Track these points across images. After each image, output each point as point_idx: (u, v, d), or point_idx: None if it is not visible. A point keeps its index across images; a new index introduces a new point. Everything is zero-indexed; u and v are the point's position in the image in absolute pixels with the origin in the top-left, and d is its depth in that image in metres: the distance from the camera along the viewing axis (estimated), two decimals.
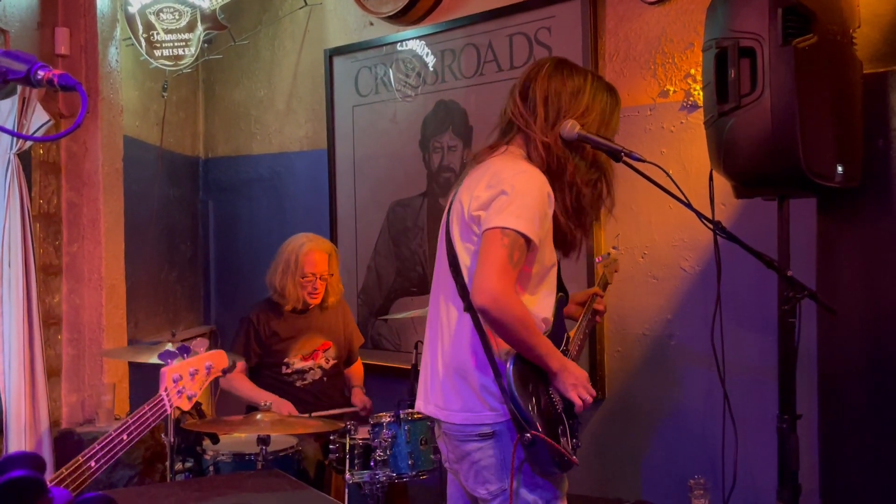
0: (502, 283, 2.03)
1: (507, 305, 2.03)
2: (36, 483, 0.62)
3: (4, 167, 3.44)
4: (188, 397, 1.88)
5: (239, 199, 5.03)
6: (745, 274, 2.95)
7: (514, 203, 2.08)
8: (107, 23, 4.08)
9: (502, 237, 2.05)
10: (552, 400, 2.18)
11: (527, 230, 2.06)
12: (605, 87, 2.32)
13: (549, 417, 2.14)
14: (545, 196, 2.13)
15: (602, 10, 3.45)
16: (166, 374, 1.83)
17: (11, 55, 1.11)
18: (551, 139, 2.20)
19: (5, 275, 3.44)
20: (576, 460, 2.15)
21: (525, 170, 2.16)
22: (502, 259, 2.04)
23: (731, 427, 2.82)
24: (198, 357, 1.94)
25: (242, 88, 4.97)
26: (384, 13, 4.07)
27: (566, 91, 2.24)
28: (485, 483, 2.17)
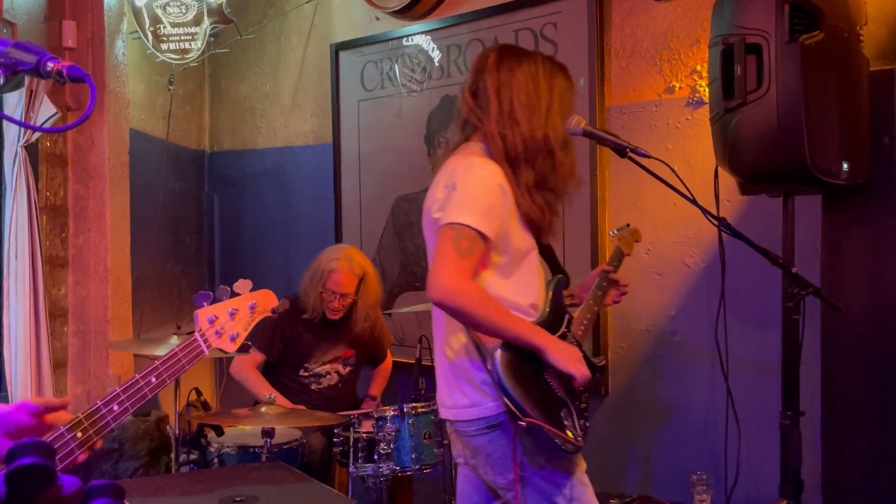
0: (450, 274, 2.06)
1: (458, 294, 2.06)
2: (46, 470, 0.63)
3: (12, 159, 3.45)
4: (230, 338, 1.73)
5: (244, 193, 5.04)
6: (750, 270, 2.95)
7: (458, 197, 2.11)
8: (114, 16, 4.08)
9: (449, 232, 2.10)
10: (549, 385, 2.17)
11: (471, 221, 2.08)
12: (558, 68, 2.32)
13: (548, 402, 2.13)
14: (494, 186, 2.14)
15: (608, 6, 3.44)
16: (199, 315, 1.69)
17: (21, 46, 1.11)
18: (508, 129, 2.20)
19: (12, 266, 3.45)
20: (579, 443, 2.13)
21: (473, 164, 2.17)
22: (450, 252, 2.08)
23: (735, 423, 2.83)
24: (238, 298, 1.77)
25: (248, 82, 4.97)
26: (390, 8, 4.07)
27: (516, 79, 2.23)
28: (503, 472, 2.19)
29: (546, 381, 2.17)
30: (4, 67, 1.07)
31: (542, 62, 2.29)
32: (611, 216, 3.45)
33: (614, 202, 3.45)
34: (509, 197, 2.18)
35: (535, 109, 2.23)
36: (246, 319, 1.78)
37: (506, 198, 2.17)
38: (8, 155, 3.47)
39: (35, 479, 0.62)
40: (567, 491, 2.18)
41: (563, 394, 2.18)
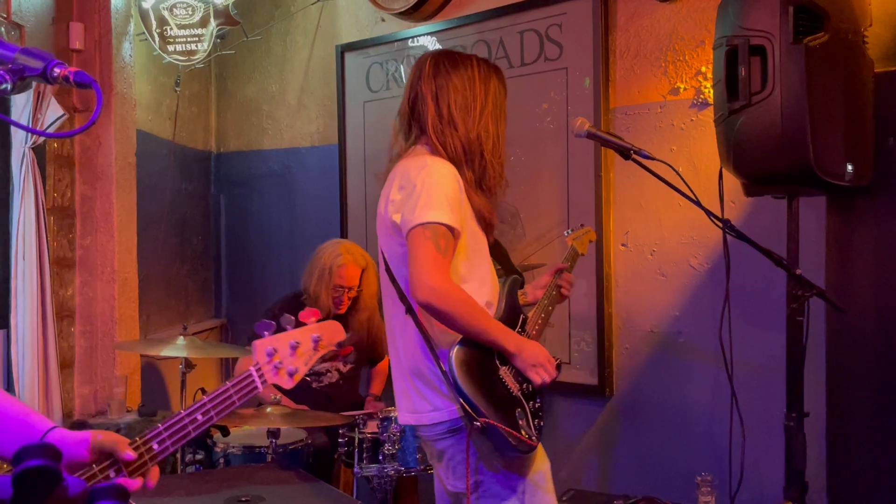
0: (438, 274, 2.06)
1: (448, 294, 2.07)
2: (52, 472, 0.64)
3: (19, 161, 3.46)
4: (288, 373, 1.58)
5: (250, 193, 5.06)
6: (754, 272, 2.96)
7: (424, 197, 2.11)
8: (121, 18, 4.10)
9: (424, 231, 2.09)
10: (504, 383, 2.17)
11: (444, 219, 2.09)
12: (493, 70, 2.34)
13: (502, 402, 2.13)
14: (454, 183, 2.17)
15: (613, 7, 3.45)
16: (257, 347, 1.57)
17: (28, 52, 1.12)
18: (448, 133, 2.23)
19: (20, 267, 3.47)
20: (533, 442, 2.13)
21: (428, 163, 2.18)
22: (431, 252, 2.07)
23: (739, 424, 2.83)
24: (301, 329, 1.65)
25: (254, 84, 4.99)
26: (396, 9, 4.08)
27: (452, 83, 2.25)
28: (462, 478, 2.18)
29: (500, 380, 2.17)
30: (12, 73, 1.08)
31: (478, 65, 2.32)
32: (616, 217, 3.45)
33: (619, 203, 3.45)
34: (464, 194, 2.20)
35: (470, 111, 2.25)
36: (308, 354, 1.64)
37: (463, 194, 2.20)
38: (15, 156, 3.48)
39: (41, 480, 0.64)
40: (521, 493, 2.19)
41: (518, 393, 2.18)
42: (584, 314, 3.52)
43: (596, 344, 3.48)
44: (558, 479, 3.59)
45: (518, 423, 2.12)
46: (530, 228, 3.69)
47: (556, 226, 3.59)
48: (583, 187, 3.50)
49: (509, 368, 2.19)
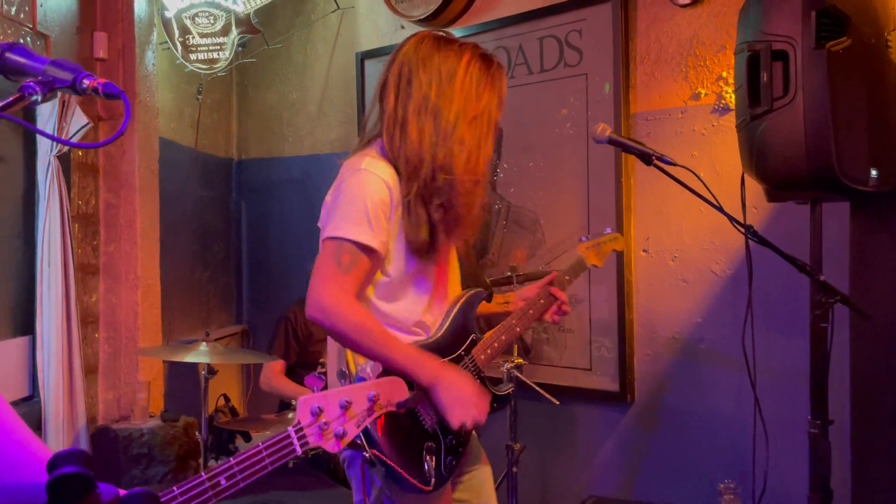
0: (328, 290, 1.90)
1: (335, 312, 1.89)
2: (85, 479, 0.65)
3: (45, 169, 3.51)
4: (335, 434, 1.39)
5: (271, 200, 5.09)
6: (777, 278, 2.94)
7: (339, 209, 1.95)
8: (144, 27, 4.14)
9: (329, 244, 1.94)
10: (415, 415, 1.97)
11: (354, 236, 1.91)
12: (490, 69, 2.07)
13: (408, 434, 1.94)
14: (382, 196, 1.95)
15: (633, 13, 3.45)
16: (302, 404, 1.39)
17: (57, 64, 1.14)
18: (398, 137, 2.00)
19: (45, 274, 3.51)
20: (425, 486, 1.92)
21: (361, 169, 1.98)
22: (329, 267, 1.91)
23: (762, 432, 2.80)
24: (355, 385, 1.45)
25: (275, 91, 5.02)
26: (415, 17, 4.10)
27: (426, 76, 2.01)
28: (356, 494, 2.08)
29: (413, 410, 1.96)
30: (42, 85, 1.10)
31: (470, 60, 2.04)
32: (636, 223, 3.44)
33: (640, 209, 3.44)
34: (395, 209, 1.99)
35: (439, 116, 1.99)
36: (361, 415, 1.43)
37: (389, 210, 1.97)
38: (41, 164, 3.53)
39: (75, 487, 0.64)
40: None
41: (433, 425, 2.00)
42: (604, 320, 3.51)
43: (617, 350, 3.47)
44: (579, 485, 3.59)
45: (421, 459, 1.92)
46: (550, 235, 3.69)
47: (575, 232, 3.58)
48: (603, 193, 3.50)
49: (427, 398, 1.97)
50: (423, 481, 1.92)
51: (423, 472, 1.92)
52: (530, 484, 3.67)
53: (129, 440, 3.75)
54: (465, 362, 2.13)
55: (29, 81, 1.10)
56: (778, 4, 2.47)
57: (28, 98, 1.09)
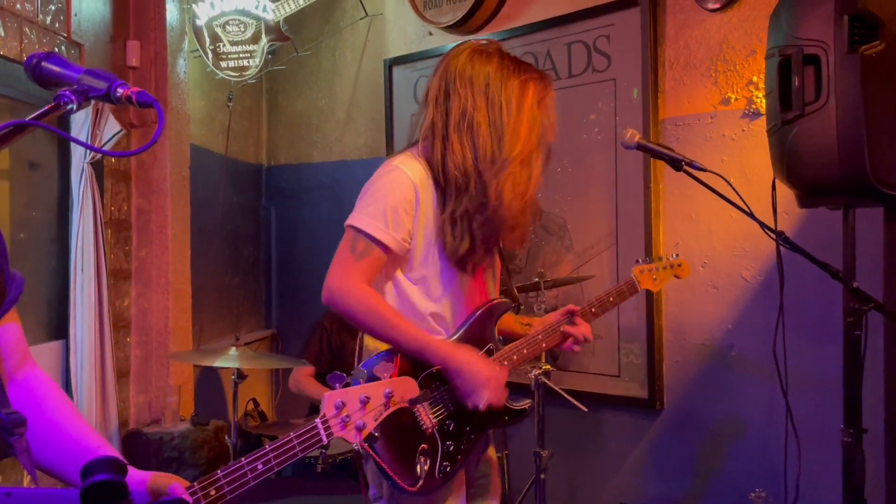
0: (342, 274, 1.98)
1: (344, 294, 1.97)
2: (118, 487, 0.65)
3: (79, 175, 3.55)
4: (356, 427, 1.55)
5: (300, 205, 5.11)
6: (809, 284, 2.89)
7: (364, 200, 2.05)
8: (175, 35, 4.19)
9: (348, 232, 2.03)
10: (415, 417, 1.97)
11: (369, 229, 1.99)
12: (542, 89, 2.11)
13: (404, 432, 1.95)
14: (405, 196, 2.01)
15: (662, 18, 3.42)
16: (327, 399, 1.54)
17: (92, 73, 1.15)
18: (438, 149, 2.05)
19: (78, 279, 3.55)
20: (409, 487, 1.92)
21: (389, 169, 2.06)
22: (344, 254, 2.01)
23: (794, 440, 2.76)
24: (374, 384, 1.60)
25: (304, 98, 5.05)
26: (443, 23, 4.10)
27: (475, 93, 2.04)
28: (372, 484, 2.11)
29: (411, 411, 1.97)
30: (77, 94, 1.11)
31: (524, 84, 2.08)
32: (665, 229, 3.41)
33: (669, 215, 3.41)
34: (416, 208, 2.04)
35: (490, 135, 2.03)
36: (378, 410, 1.58)
37: (411, 208, 2.03)
38: (75, 171, 3.57)
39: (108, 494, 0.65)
40: None
41: (432, 429, 1.99)
42: (633, 326, 3.48)
43: (646, 356, 3.44)
44: (608, 492, 3.56)
45: (414, 460, 1.93)
46: (578, 240, 3.67)
47: (603, 238, 3.56)
48: (632, 199, 3.47)
49: (430, 400, 1.99)
50: (410, 482, 1.92)
51: (414, 473, 1.92)
52: (558, 491, 3.65)
53: (160, 444, 3.78)
54: None
55: (64, 90, 1.11)
56: (810, 9, 2.43)
57: (63, 107, 1.10)
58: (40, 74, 1.16)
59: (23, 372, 1.42)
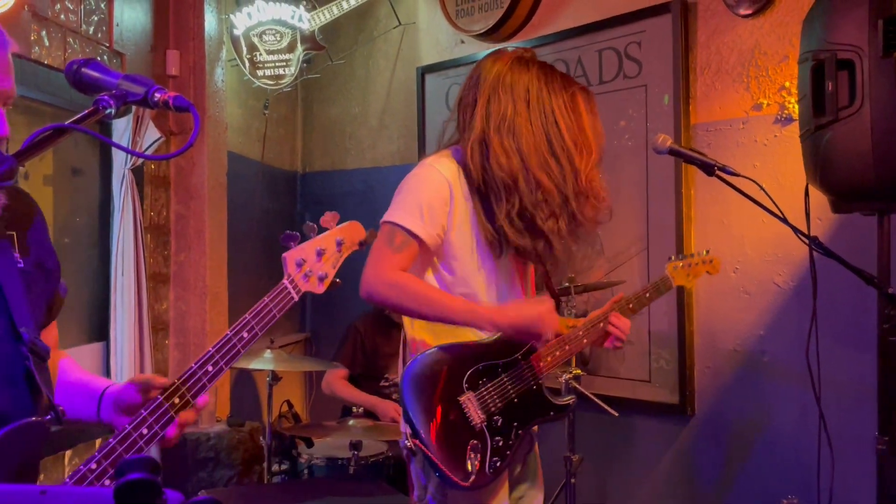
0: (377, 268, 1.99)
1: (380, 284, 1.98)
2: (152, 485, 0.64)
3: (120, 181, 3.59)
4: (318, 279, 1.62)
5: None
6: (843, 290, 2.83)
7: (400, 197, 2.07)
8: (214, 45, 4.23)
9: (384, 227, 2.05)
10: (463, 410, 1.97)
11: (406, 223, 2.01)
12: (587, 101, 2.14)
13: (453, 429, 1.94)
14: (438, 191, 2.04)
15: (693, 24, 3.38)
16: (287, 259, 1.61)
17: (130, 78, 1.16)
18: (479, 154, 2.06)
19: (118, 282, 3.59)
20: (464, 482, 1.91)
21: (427, 164, 2.10)
22: (382, 247, 2.02)
23: (828, 447, 2.70)
24: (323, 235, 1.67)
25: (338, 106, 5.07)
26: (475, 31, 4.09)
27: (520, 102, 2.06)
28: (416, 488, 2.11)
29: (459, 406, 1.97)
30: (116, 98, 1.12)
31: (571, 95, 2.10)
32: (697, 234, 3.37)
33: (700, 220, 3.36)
34: (449, 205, 2.05)
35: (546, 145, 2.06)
36: (334, 258, 1.67)
37: (445, 205, 2.05)
38: (116, 177, 3.62)
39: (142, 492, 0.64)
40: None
41: (481, 424, 1.99)
42: (664, 332, 3.43)
43: (676, 362, 3.39)
44: (638, 497, 3.51)
45: (465, 456, 1.93)
46: (609, 245, 3.63)
47: (634, 242, 3.53)
48: (663, 204, 3.43)
49: (476, 396, 1.99)
50: (463, 477, 1.91)
51: (465, 469, 1.92)
52: (589, 495, 3.61)
53: (197, 444, 3.81)
54: (522, 367, 2.10)
55: (103, 95, 1.12)
56: (844, 13, 2.39)
57: (102, 111, 1.11)
58: (80, 80, 1.17)
59: None
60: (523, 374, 2.10)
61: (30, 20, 3.07)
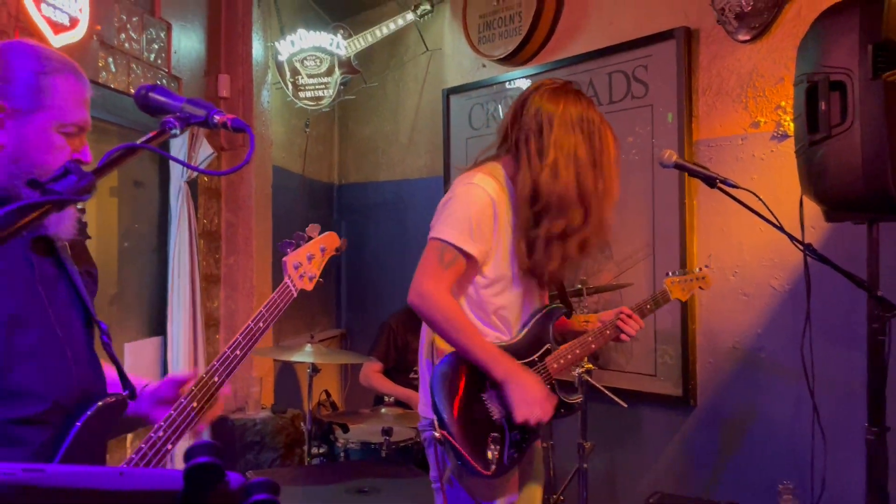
0: (431, 282, 1.97)
1: (432, 302, 1.96)
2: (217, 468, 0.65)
3: (176, 193, 3.63)
4: (309, 279, 1.81)
5: (367, 219, 5.15)
6: (835, 293, 2.80)
7: (449, 214, 2.03)
8: (260, 70, 4.26)
9: (435, 243, 2.01)
10: (484, 405, 1.99)
11: (456, 241, 1.98)
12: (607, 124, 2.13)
13: (476, 422, 1.96)
14: (485, 209, 2.02)
15: (696, 49, 3.36)
16: (287, 262, 1.78)
17: (193, 102, 1.17)
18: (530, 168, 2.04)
19: (175, 283, 3.63)
20: (487, 470, 1.92)
21: (472, 182, 2.05)
22: (433, 262, 1.99)
23: (821, 437, 2.67)
24: (311, 242, 1.86)
25: (371, 124, 5.09)
26: (495, 56, 4.10)
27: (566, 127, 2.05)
28: (432, 470, 2.11)
29: (482, 401, 1.99)
30: (181, 121, 1.13)
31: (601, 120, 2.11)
32: (699, 241, 3.34)
33: (702, 228, 3.34)
34: (496, 222, 2.05)
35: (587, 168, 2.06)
36: (318, 261, 1.86)
37: (493, 222, 2.04)
38: (173, 189, 3.66)
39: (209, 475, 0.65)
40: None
41: (500, 419, 2.00)
42: (668, 330, 3.41)
43: (680, 358, 3.37)
44: (645, 481, 3.49)
45: (486, 447, 1.93)
46: (617, 251, 3.61)
47: (640, 248, 3.51)
48: (667, 214, 3.41)
49: (498, 394, 1.99)
50: (485, 466, 1.92)
51: (486, 459, 1.92)
52: (599, 479, 3.59)
53: (244, 429, 3.83)
54: (538, 368, 2.12)
55: (169, 117, 1.13)
56: (836, 38, 2.36)
57: (168, 132, 1.13)
58: (147, 104, 1.19)
59: None
60: (540, 374, 2.10)
61: (98, 48, 3.11)
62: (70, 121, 1.34)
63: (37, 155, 1.30)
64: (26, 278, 1.32)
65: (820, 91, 2.35)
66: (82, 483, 0.66)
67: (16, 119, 1.30)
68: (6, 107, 1.30)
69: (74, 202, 0.96)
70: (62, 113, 1.33)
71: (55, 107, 1.32)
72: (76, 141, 1.36)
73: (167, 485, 0.66)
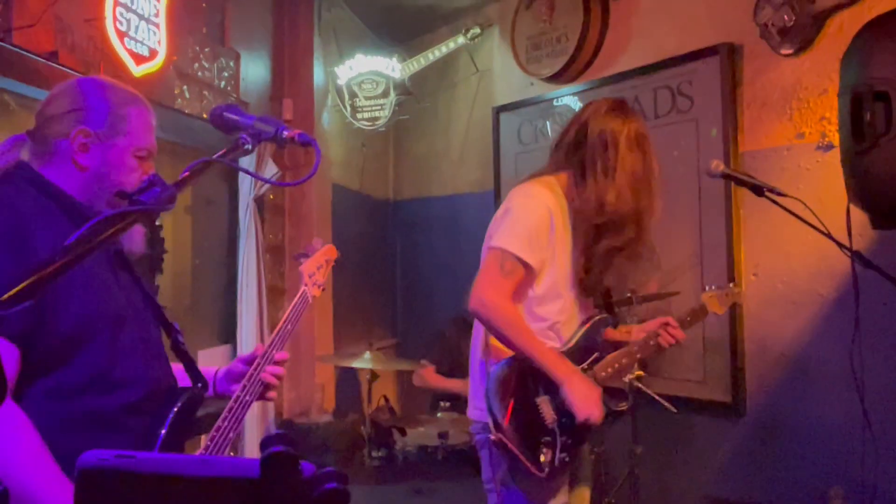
0: (492, 289, 1.97)
1: (493, 309, 1.96)
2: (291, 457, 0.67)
3: (245, 209, 3.72)
4: (319, 287, 1.92)
5: (421, 233, 5.18)
6: (882, 300, 2.71)
7: (509, 224, 2.03)
8: (321, 94, 4.35)
9: (496, 252, 2.01)
10: (538, 409, 1.99)
11: (516, 250, 1.99)
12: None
13: (529, 425, 1.96)
14: (543, 220, 2.02)
15: (739, 64, 3.30)
16: (304, 272, 1.88)
17: (263, 119, 1.22)
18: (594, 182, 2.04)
19: (244, 294, 3.71)
20: (540, 472, 1.92)
21: (530, 194, 2.06)
22: (494, 270, 1.99)
23: (872, 444, 2.57)
24: (319, 253, 1.97)
25: (425, 142, 5.13)
26: (543, 75, 4.09)
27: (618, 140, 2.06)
28: (486, 476, 2.09)
29: (535, 406, 1.99)
30: (253, 137, 1.17)
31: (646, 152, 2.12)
32: (746, 250, 3.27)
33: (749, 237, 3.27)
34: (553, 233, 2.05)
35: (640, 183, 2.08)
36: (324, 270, 1.97)
37: (551, 233, 2.04)
38: (241, 206, 3.75)
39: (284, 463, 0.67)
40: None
41: (552, 423, 1.99)
42: (717, 338, 3.34)
43: (729, 365, 3.29)
44: (694, 486, 3.41)
45: (539, 450, 1.94)
46: (666, 260, 3.56)
47: (688, 258, 3.45)
48: (714, 223, 3.35)
49: (551, 399, 2.00)
50: (539, 468, 1.93)
51: (539, 461, 1.93)
52: (650, 484, 3.52)
53: (308, 432, 3.88)
54: (588, 375, 2.11)
55: (242, 134, 1.17)
56: (879, 51, 2.30)
57: (242, 147, 1.17)
58: (223, 121, 1.24)
59: None
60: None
61: (174, 77, 3.22)
62: (144, 145, 1.45)
63: (117, 176, 1.41)
64: (117, 284, 1.43)
65: (864, 102, 2.28)
66: (170, 469, 0.69)
67: (100, 144, 1.40)
68: (91, 132, 1.40)
69: (159, 212, 1.01)
70: (137, 138, 1.44)
71: (131, 133, 1.43)
72: (146, 164, 1.47)
73: (246, 472, 0.68)
